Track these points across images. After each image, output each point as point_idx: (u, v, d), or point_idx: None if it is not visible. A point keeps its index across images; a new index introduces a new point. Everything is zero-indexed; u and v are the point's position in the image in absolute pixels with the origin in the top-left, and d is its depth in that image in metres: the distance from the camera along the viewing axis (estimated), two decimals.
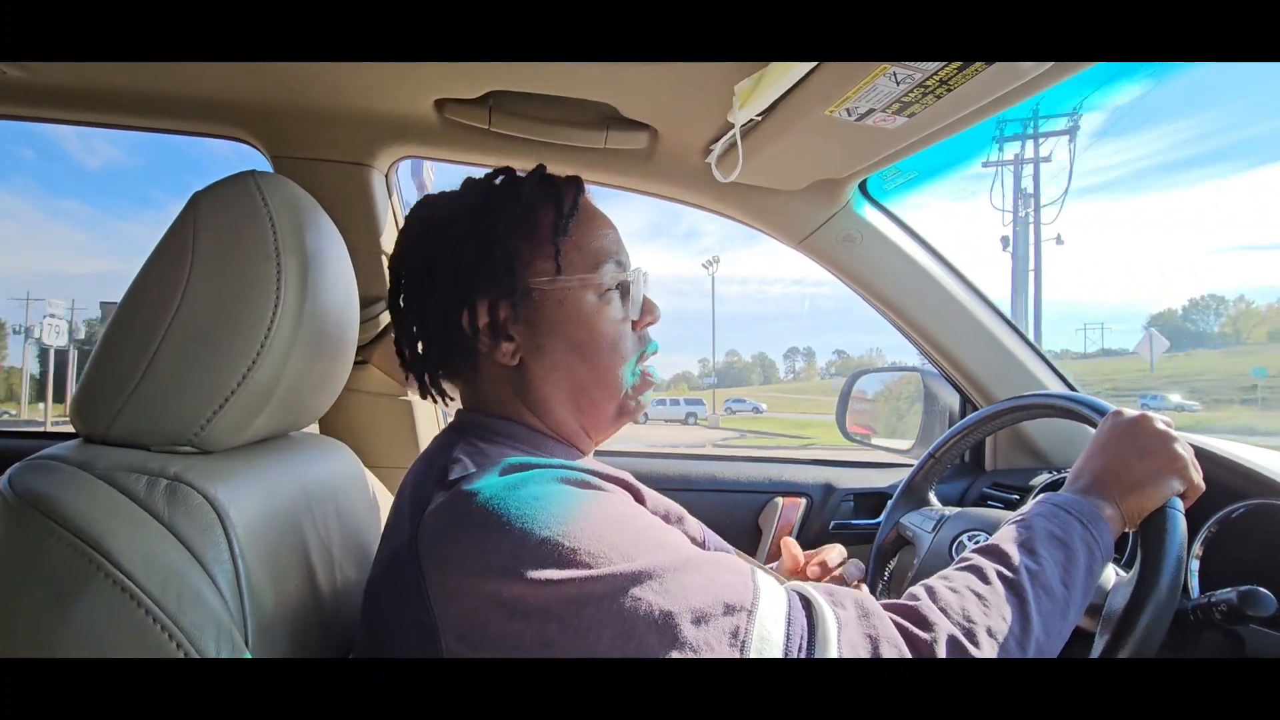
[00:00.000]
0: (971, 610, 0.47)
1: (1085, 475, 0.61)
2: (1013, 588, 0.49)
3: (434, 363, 0.60)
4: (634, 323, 0.61)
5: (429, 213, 0.60)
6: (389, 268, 0.62)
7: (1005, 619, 0.47)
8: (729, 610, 0.42)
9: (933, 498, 0.92)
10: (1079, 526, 0.55)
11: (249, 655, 0.45)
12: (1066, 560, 0.52)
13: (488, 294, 0.56)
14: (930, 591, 0.49)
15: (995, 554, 0.53)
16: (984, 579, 0.50)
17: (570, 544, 0.42)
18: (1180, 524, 0.57)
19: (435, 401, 0.64)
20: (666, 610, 0.41)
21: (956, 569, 0.52)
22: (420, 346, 0.60)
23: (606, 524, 0.44)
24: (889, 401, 1.49)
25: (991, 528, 0.78)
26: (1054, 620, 0.49)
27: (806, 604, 0.45)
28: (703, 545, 0.61)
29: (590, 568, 0.41)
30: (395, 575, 0.47)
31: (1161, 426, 0.61)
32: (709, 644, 0.40)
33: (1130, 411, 0.64)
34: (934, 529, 0.84)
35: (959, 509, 0.86)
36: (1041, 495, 0.60)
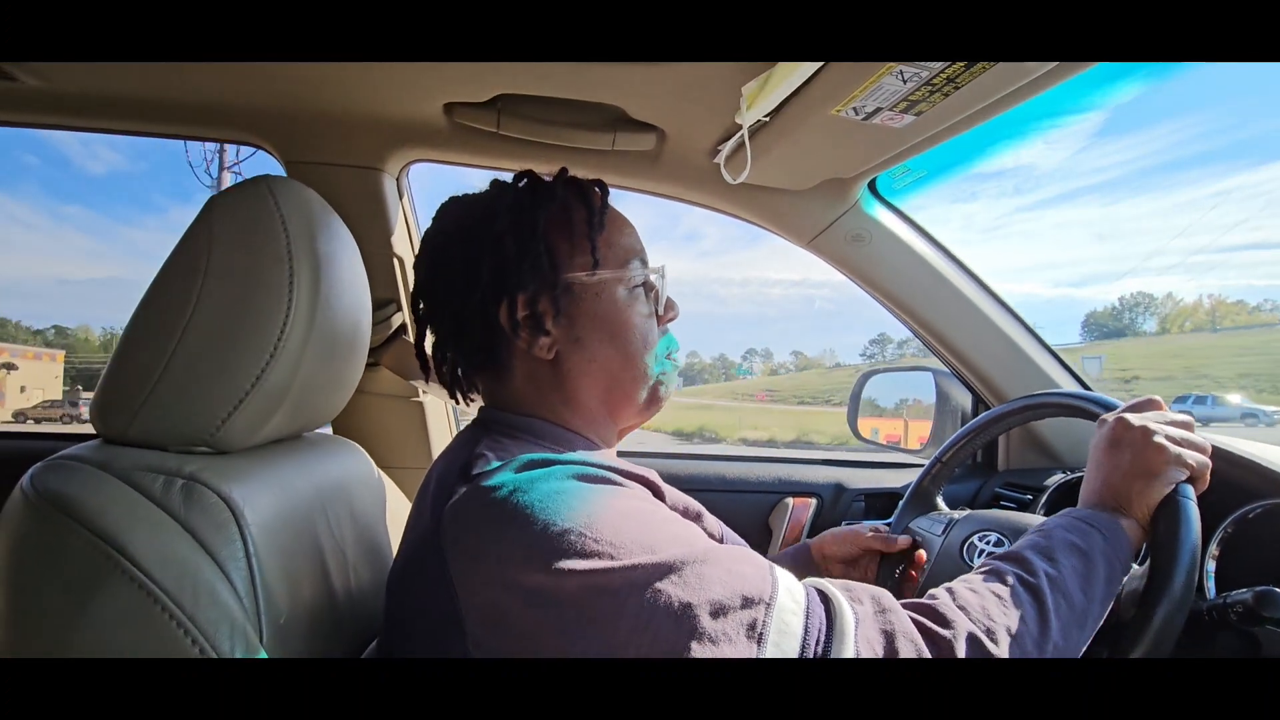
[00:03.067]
0: (991, 610, 0.47)
1: (1093, 492, 0.61)
2: (1033, 591, 0.49)
3: (467, 359, 0.61)
4: (658, 318, 0.63)
5: (461, 211, 0.61)
6: (415, 265, 0.63)
7: (1025, 621, 0.47)
8: (747, 603, 0.42)
9: (940, 502, 0.92)
10: (1099, 537, 0.55)
11: (263, 652, 0.46)
12: (1086, 569, 0.52)
13: (528, 288, 0.57)
14: (950, 592, 0.49)
15: (1015, 560, 0.53)
16: (1003, 582, 0.50)
17: (589, 535, 0.42)
18: (1191, 510, 0.56)
19: (461, 401, 0.65)
20: (685, 602, 0.41)
21: (977, 573, 0.52)
22: (454, 343, 0.61)
23: (624, 517, 0.45)
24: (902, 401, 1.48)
25: (1001, 527, 0.77)
26: (1072, 629, 0.49)
27: (824, 599, 0.46)
28: (721, 542, 0.61)
29: (610, 559, 0.42)
30: (418, 566, 0.49)
31: (1138, 422, 0.60)
32: (727, 636, 0.41)
33: (1110, 416, 0.63)
34: (943, 532, 0.83)
35: (968, 511, 0.86)
36: (1064, 510, 0.59)
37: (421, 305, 0.63)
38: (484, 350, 0.59)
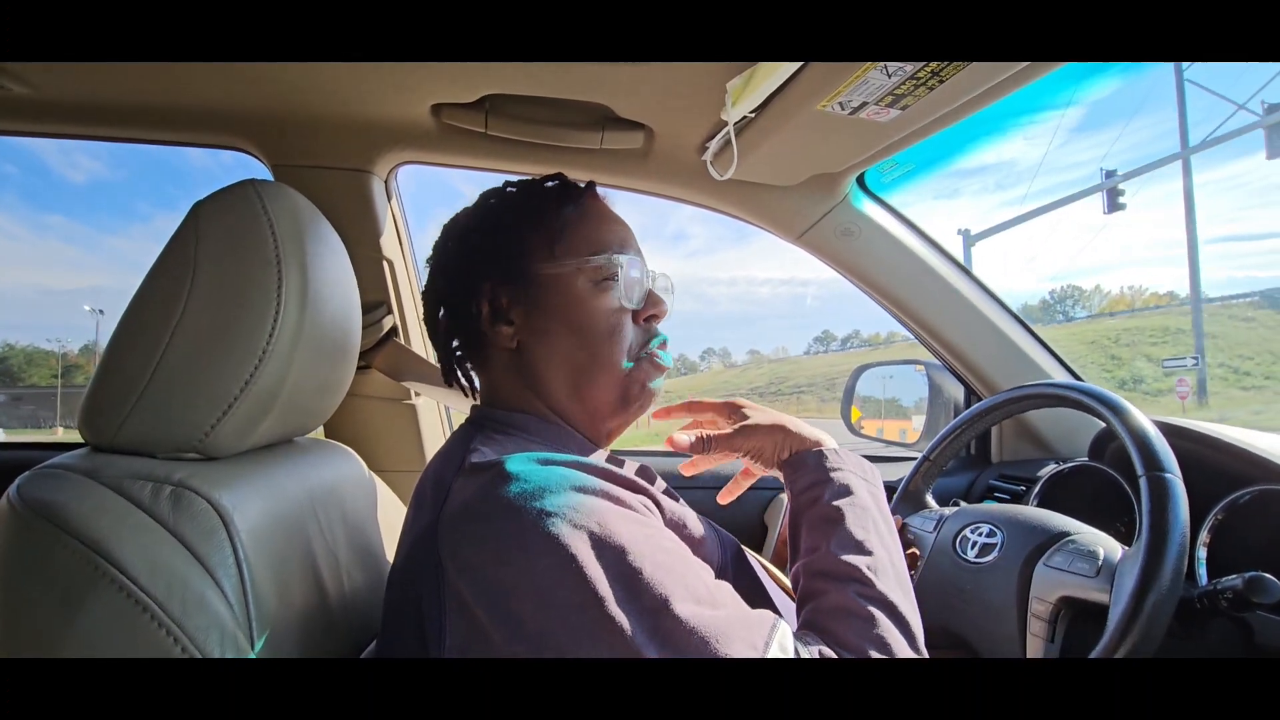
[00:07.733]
0: (879, 632, 0.48)
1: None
2: (881, 605, 0.49)
3: (456, 351, 0.64)
4: (636, 314, 0.62)
5: (451, 220, 0.66)
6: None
7: (893, 627, 0.48)
8: None
9: (929, 499, 0.92)
10: (861, 483, 0.58)
11: (253, 658, 0.46)
12: (875, 525, 0.55)
13: (490, 277, 0.60)
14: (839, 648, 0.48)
15: (841, 578, 0.51)
16: (860, 612, 0.49)
17: (586, 571, 0.42)
18: (1180, 498, 0.58)
19: (466, 394, 0.66)
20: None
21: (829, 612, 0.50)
22: (443, 338, 0.64)
23: (623, 554, 0.43)
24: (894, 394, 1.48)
25: (993, 520, 0.77)
26: (905, 593, 0.51)
27: None
28: (719, 557, 0.60)
29: (601, 602, 0.41)
30: (415, 566, 0.49)
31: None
32: None
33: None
34: (935, 529, 0.83)
35: (959, 506, 0.86)
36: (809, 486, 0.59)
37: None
38: (463, 339, 0.63)
